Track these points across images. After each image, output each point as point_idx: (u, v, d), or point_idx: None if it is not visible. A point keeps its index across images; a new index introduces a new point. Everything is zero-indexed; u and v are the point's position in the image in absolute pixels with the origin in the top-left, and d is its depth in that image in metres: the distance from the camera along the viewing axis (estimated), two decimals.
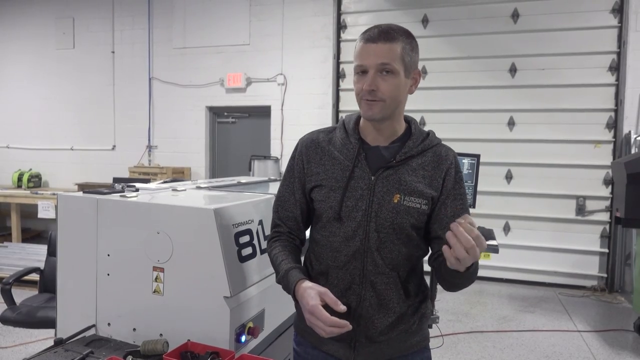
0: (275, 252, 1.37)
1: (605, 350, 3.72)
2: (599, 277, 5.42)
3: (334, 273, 1.32)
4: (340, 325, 1.14)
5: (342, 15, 6.19)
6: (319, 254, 1.36)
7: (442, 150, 1.34)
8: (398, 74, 1.23)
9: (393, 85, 1.23)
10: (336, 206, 1.29)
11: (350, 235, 1.29)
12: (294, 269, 1.29)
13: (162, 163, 6.85)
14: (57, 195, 1.71)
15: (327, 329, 1.14)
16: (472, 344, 3.84)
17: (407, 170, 1.29)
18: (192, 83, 6.76)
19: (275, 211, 1.44)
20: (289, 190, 1.41)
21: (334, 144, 1.36)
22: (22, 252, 5.45)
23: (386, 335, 1.31)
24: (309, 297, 1.18)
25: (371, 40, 1.22)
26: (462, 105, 5.74)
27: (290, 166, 1.43)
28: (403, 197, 1.26)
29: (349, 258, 1.29)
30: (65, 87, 7.36)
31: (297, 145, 1.42)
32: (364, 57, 1.23)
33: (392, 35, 1.22)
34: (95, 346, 1.49)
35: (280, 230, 1.42)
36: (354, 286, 1.29)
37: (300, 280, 1.25)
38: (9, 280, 2.89)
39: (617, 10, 5.27)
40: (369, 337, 1.31)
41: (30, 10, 7.47)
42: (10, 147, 7.68)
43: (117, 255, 1.60)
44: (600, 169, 5.39)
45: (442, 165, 1.31)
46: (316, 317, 1.15)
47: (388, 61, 1.20)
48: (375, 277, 1.28)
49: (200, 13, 6.68)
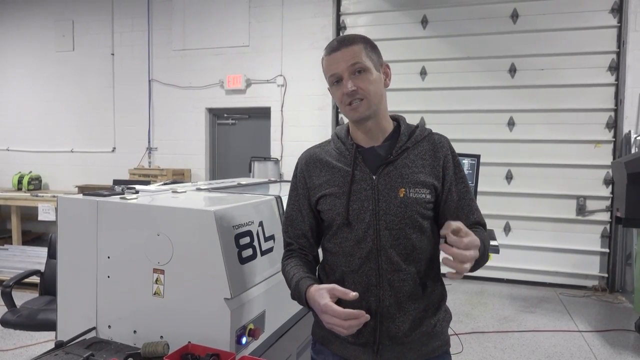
0: (287, 269, 1.37)
1: (606, 350, 3.71)
2: (600, 277, 5.42)
3: (349, 278, 1.31)
4: (356, 316, 1.12)
5: (342, 17, 6.20)
6: (333, 263, 1.36)
7: (436, 137, 1.37)
8: (370, 69, 1.27)
9: (369, 81, 1.27)
10: (343, 212, 1.30)
11: (361, 237, 1.29)
12: (303, 278, 1.29)
13: (162, 165, 6.85)
14: (57, 197, 1.71)
15: (345, 324, 1.13)
16: (473, 344, 3.83)
17: (406, 163, 1.31)
18: (191, 85, 6.77)
19: (285, 231, 1.45)
20: (296, 209, 1.42)
21: (331, 154, 1.38)
22: (22, 255, 5.45)
23: (409, 337, 1.30)
24: (319, 297, 1.18)
25: (334, 50, 1.28)
26: (462, 106, 5.74)
27: (293, 185, 1.45)
28: (408, 189, 1.28)
29: (363, 260, 1.29)
30: (65, 90, 7.36)
31: (297, 164, 1.45)
32: (333, 66, 1.28)
33: (350, 39, 1.29)
34: (95, 349, 1.49)
35: (292, 248, 1.43)
36: (372, 287, 1.29)
37: (309, 285, 1.25)
38: (9, 283, 2.89)
39: (617, 10, 5.27)
40: (392, 338, 1.30)
41: (30, 13, 7.48)
42: (10, 149, 7.68)
43: (117, 258, 1.60)
44: (600, 169, 5.39)
45: (439, 153, 1.33)
46: (330, 314, 1.14)
47: (355, 60, 1.26)
48: (392, 274, 1.28)
49: (199, 15, 6.69)
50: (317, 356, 1.44)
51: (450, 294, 5.09)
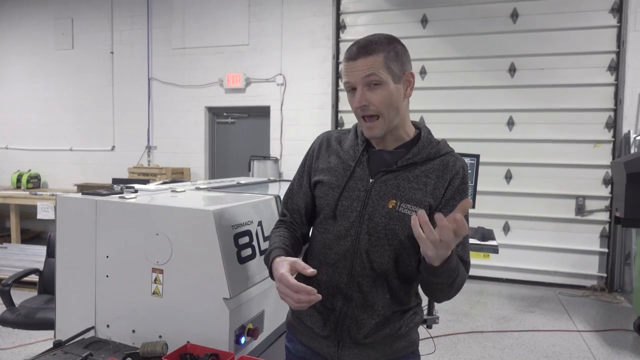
0: (273, 237, 1.39)
1: (605, 350, 3.72)
2: (599, 276, 5.42)
3: (324, 270, 1.32)
4: (307, 292, 1.11)
5: (342, 16, 6.19)
6: (313, 250, 1.38)
7: (451, 159, 1.30)
8: (386, 83, 1.21)
9: (383, 96, 1.22)
10: (332, 204, 1.31)
11: (343, 234, 1.29)
12: (277, 248, 1.29)
13: (162, 164, 6.84)
14: (56, 196, 1.71)
15: (294, 296, 1.12)
16: (472, 344, 3.84)
17: (408, 176, 1.27)
18: (191, 83, 6.76)
19: (284, 202, 1.47)
20: (298, 183, 1.45)
21: (343, 144, 1.39)
22: (21, 253, 5.44)
23: (370, 338, 1.29)
24: (279, 267, 1.18)
25: (352, 58, 1.23)
26: (462, 105, 5.74)
27: (304, 160, 1.47)
28: (398, 203, 1.25)
29: (339, 257, 1.30)
30: (64, 88, 7.35)
31: (315, 141, 1.46)
32: (348, 74, 1.25)
33: (371, 48, 1.21)
34: (94, 348, 1.49)
35: (284, 220, 1.45)
36: (342, 285, 1.29)
37: (277, 256, 1.25)
38: (8, 282, 2.88)
39: (616, 10, 5.27)
40: (353, 338, 1.30)
41: (29, 11, 7.47)
42: (9, 147, 7.68)
43: (116, 257, 1.59)
44: (599, 169, 5.39)
45: (446, 175, 1.27)
46: (284, 284, 1.14)
47: (371, 72, 1.20)
48: (362, 278, 1.28)
49: (199, 13, 6.68)
50: (289, 343, 1.47)
51: None
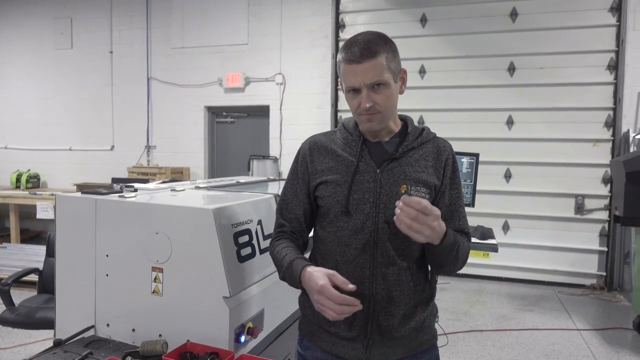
0: (278, 249, 1.37)
1: (604, 349, 3.72)
2: (598, 275, 5.43)
3: (343, 268, 1.31)
4: (351, 303, 1.15)
5: (341, 15, 6.19)
6: (326, 252, 1.36)
7: (440, 142, 1.41)
8: (389, 84, 1.25)
9: (386, 96, 1.26)
10: (343, 200, 1.31)
11: (359, 227, 1.30)
12: (298, 259, 1.29)
13: (161, 163, 6.84)
14: (55, 196, 1.71)
15: (337, 308, 1.14)
16: (471, 342, 3.84)
17: (410, 161, 1.33)
18: (190, 83, 6.75)
19: (279, 213, 1.45)
20: (292, 192, 1.43)
21: (336, 143, 1.39)
22: (20, 253, 5.43)
23: (399, 332, 1.32)
24: (317, 278, 1.19)
25: (355, 61, 1.22)
26: (461, 104, 5.74)
27: (293, 169, 1.45)
28: (410, 187, 1.30)
29: (359, 251, 1.30)
30: (63, 88, 7.34)
31: (300, 149, 1.45)
32: (352, 78, 1.24)
33: (373, 50, 1.22)
34: (94, 347, 1.49)
35: (284, 230, 1.43)
36: (365, 280, 1.29)
37: (306, 266, 1.25)
38: (7, 281, 2.88)
39: (616, 9, 5.27)
40: (383, 333, 1.31)
41: (28, 11, 7.45)
42: (8, 147, 7.67)
43: (115, 256, 1.60)
44: (599, 168, 5.39)
45: (441, 156, 1.37)
46: (325, 296, 1.15)
47: (378, 78, 1.22)
48: (387, 268, 1.29)
49: (198, 13, 6.67)
50: (304, 352, 1.43)
51: (448, 292, 5.13)
